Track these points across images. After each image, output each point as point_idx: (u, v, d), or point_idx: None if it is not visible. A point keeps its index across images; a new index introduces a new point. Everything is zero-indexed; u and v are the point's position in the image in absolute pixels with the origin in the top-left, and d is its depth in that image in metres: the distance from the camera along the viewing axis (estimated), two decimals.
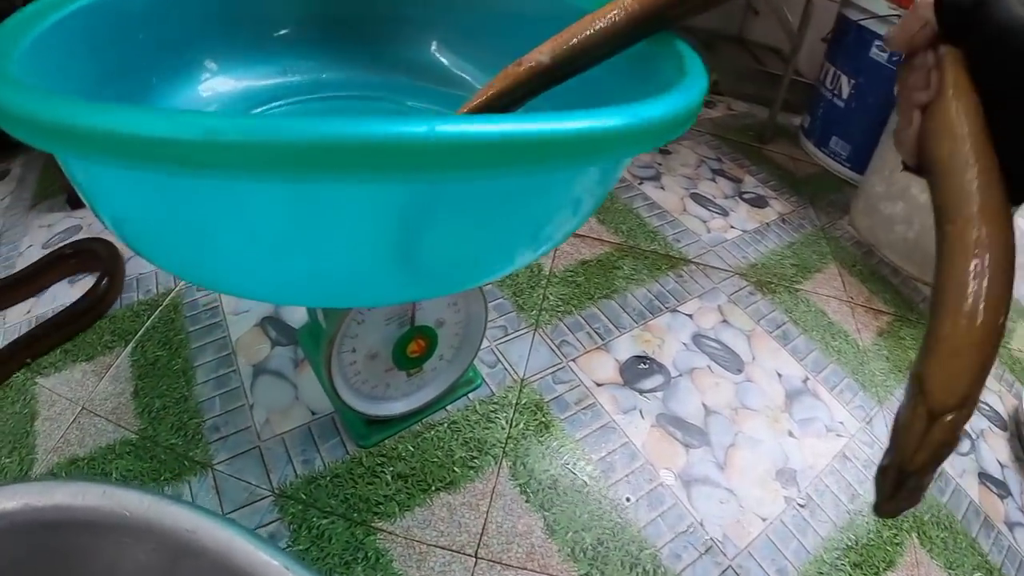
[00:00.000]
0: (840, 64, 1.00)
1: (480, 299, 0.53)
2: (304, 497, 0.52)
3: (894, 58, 0.91)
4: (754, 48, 1.34)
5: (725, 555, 0.51)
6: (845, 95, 0.99)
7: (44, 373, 0.63)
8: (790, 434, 0.62)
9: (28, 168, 0.98)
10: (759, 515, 0.55)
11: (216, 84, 0.44)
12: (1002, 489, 0.62)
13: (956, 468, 0.62)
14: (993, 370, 0.62)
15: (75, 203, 0.86)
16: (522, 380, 0.62)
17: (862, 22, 0.93)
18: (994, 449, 0.65)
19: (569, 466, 0.56)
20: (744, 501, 0.55)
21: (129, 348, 0.65)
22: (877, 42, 0.91)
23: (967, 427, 0.43)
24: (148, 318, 0.68)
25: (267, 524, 0.51)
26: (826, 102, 1.04)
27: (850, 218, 0.91)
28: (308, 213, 0.24)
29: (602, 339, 0.68)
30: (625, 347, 0.67)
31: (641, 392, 0.63)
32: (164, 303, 0.69)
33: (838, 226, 0.91)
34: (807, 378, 0.68)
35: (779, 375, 0.68)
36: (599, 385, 0.63)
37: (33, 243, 0.81)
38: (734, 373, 0.67)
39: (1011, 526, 0.58)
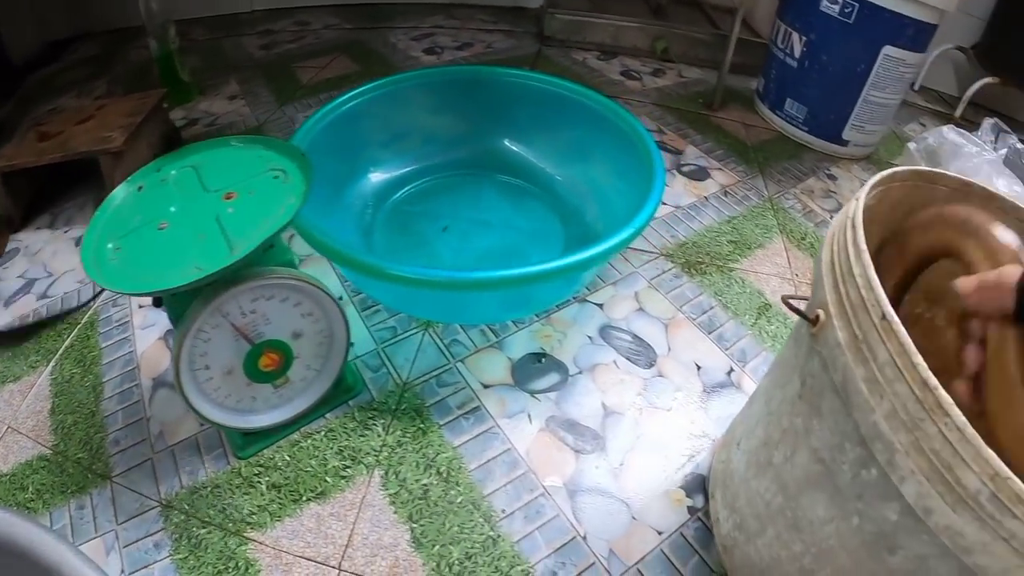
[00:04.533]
0: (790, 20, 0.93)
1: (336, 309, 0.53)
2: (187, 507, 0.55)
3: (847, 10, 0.83)
4: (709, 10, 1.25)
5: (609, 573, 0.49)
6: (797, 54, 0.92)
7: None
8: (704, 435, 0.58)
9: None
10: (655, 528, 0.52)
11: (380, 173, 0.84)
12: None
13: None
14: None
15: None
16: (404, 384, 0.62)
17: None
18: None
19: (443, 475, 0.55)
20: (639, 512, 0.52)
21: (49, 367, 0.68)
22: None
23: None
24: (68, 336, 0.71)
25: (153, 534, 0.54)
26: (778, 62, 0.97)
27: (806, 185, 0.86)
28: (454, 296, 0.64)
29: (496, 336, 0.66)
30: (521, 344, 0.65)
31: (532, 393, 0.61)
32: (82, 321, 0.73)
33: (789, 195, 0.85)
34: (732, 369, 0.64)
35: (698, 367, 0.64)
36: (486, 387, 0.62)
37: None
38: (644, 368, 0.64)
39: None
